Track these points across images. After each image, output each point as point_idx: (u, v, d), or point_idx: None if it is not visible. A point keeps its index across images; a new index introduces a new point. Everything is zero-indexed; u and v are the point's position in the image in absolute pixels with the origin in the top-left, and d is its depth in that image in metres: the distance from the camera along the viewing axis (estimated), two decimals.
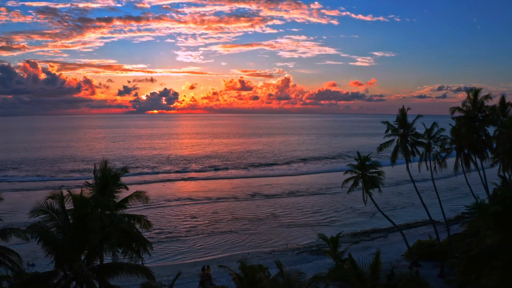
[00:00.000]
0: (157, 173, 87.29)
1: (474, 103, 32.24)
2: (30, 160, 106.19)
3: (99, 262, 20.37)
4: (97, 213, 18.82)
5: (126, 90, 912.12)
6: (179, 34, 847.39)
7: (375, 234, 42.87)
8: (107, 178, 22.98)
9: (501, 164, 34.21)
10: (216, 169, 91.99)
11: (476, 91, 32.23)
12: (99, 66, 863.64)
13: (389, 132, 31.67)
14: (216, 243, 41.27)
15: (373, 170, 31.06)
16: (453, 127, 32.93)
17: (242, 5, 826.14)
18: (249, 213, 52.36)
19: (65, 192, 19.61)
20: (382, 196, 53.81)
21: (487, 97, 32.48)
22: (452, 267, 24.64)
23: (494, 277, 16.55)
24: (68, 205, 19.72)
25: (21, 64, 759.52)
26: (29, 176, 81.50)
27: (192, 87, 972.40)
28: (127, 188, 24.19)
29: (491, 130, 35.47)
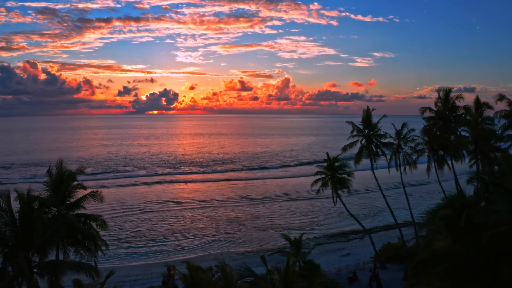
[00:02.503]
0: (141, 175, 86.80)
1: (445, 103, 31.86)
2: (25, 160, 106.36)
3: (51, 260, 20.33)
4: (37, 212, 18.67)
5: (126, 91, 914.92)
6: (179, 35, 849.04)
7: (353, 235, 42.56)
8: (62, 178, 23.02)
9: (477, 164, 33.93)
10: (205, 171, 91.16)
11: (447, 91, 31.84)
12: (98, 66, 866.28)
13: (355, 132, 31.35)
14: (193, 243, 41.14)
15: (342, 171, 30.77)
16: (423, 128, 32.59)
17: (241, 6, 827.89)
18: (230, 214, 52.11)
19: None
20: (371, 198, 53.62)
21: (459, 97, 32.13)
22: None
23: (435, 283, 16.23)
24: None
25: (20, 64, 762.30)
26: (19, 177, 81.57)
27: (192, 88, 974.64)
28: (84, 188, 24.22)
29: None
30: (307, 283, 14.58)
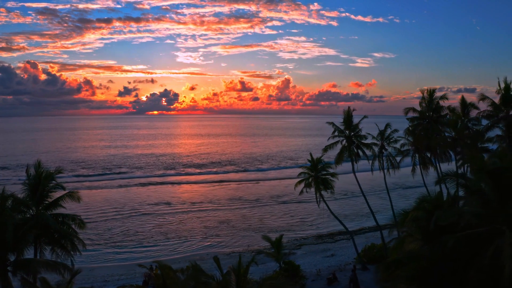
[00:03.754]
0: (133, 177, 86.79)
1: (430, 103, 31.82)
2: (24, 160, 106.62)
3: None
4: (9, 211, 18.77)
5: (126, 91, 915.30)
6: (179, 35, 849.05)
7: (340, 236, 42.48)
8: (40, 178, 23.13)
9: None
10: (200, 173, 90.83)
11: (431, 91, 31.80)
12: (99, 67, 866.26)
13: (336, 133, 31.30)
14: (182, 244, 41.23)
15: (326, 172, 30.75)
16: (407, 128, 32.53)
17: (241, 6, 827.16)
18: (221, 215, 52.13)
19: None
20: (363, 199, 53.29)
21: (443, 97, 32.08)
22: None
23: (402, 286, 16.14)
24: None
25: (21, 65, 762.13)
26: (15, 178, 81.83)
27: (192, 88, 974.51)
28: (63, 188, 24.37)
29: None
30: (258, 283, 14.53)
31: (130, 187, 72.30)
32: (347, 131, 30.81)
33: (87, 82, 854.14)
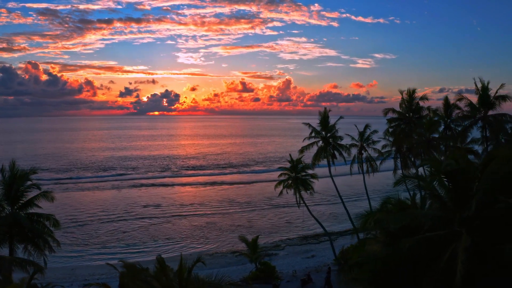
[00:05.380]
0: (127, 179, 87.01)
1: (410, 104, 31.79)
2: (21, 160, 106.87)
3: None
4: None
5: (127, 92, 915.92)
6: (180, 36, 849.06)
7: (325, 237, 42.39)
8: (15, 178, 23.35)
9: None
10: (195, 174, 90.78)
11: (411, 92, 31.74)
12: (100, 67, 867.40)
13: (313, 134, 31.38)
14: (168, 244, 41.47)
15: (305, 173, 30.83)
16: (386, 129, 32.53)
17: (242, 7, 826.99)
18: (210, 216, 52.27)
19: None
20: (355, 201, 52.85)
21: (423, 98, 32.06)
22: None
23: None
24: None
25: (22, 65, 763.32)
26: None
27: (193, 89, 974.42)
28: (39, 188, 24.57)
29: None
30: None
31: (123, 188, 72.45)
32: (323, 132, 30.88)
33: (88, 82, 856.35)
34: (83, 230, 46.51)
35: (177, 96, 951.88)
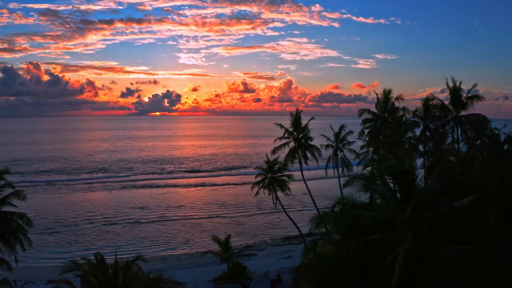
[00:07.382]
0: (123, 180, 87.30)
1: (385, 104, 31.91)
2: (21, 160, 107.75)
3: None
4: None
5: (129, 92, 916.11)
6: (181, 36, 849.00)
7: (308, 238, 42.55)
8: None
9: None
10: (190, 176, 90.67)
11: (386, 92, 31.83)
12: (101, 68, 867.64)
13: (286, 135, 31.54)
14: (151, 245, 41.73)
15: (280, 174, 31.02)
16: (361, 130, 32.64)
17: (243, 8, 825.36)
18: (196, 218, 52.51)
19: None
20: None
21: (399, 98, 32.15)
22: None
23: None
24: None
25: (23, 66, 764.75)
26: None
27: (194, 89, 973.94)
28: (13, 187, 25.01)
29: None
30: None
31: (116, 190, 72.84)
32: (295, 133, 31.05)
33: (90, 83, 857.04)
34: (72, 230, 47.07)
35: (178, 96, 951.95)
